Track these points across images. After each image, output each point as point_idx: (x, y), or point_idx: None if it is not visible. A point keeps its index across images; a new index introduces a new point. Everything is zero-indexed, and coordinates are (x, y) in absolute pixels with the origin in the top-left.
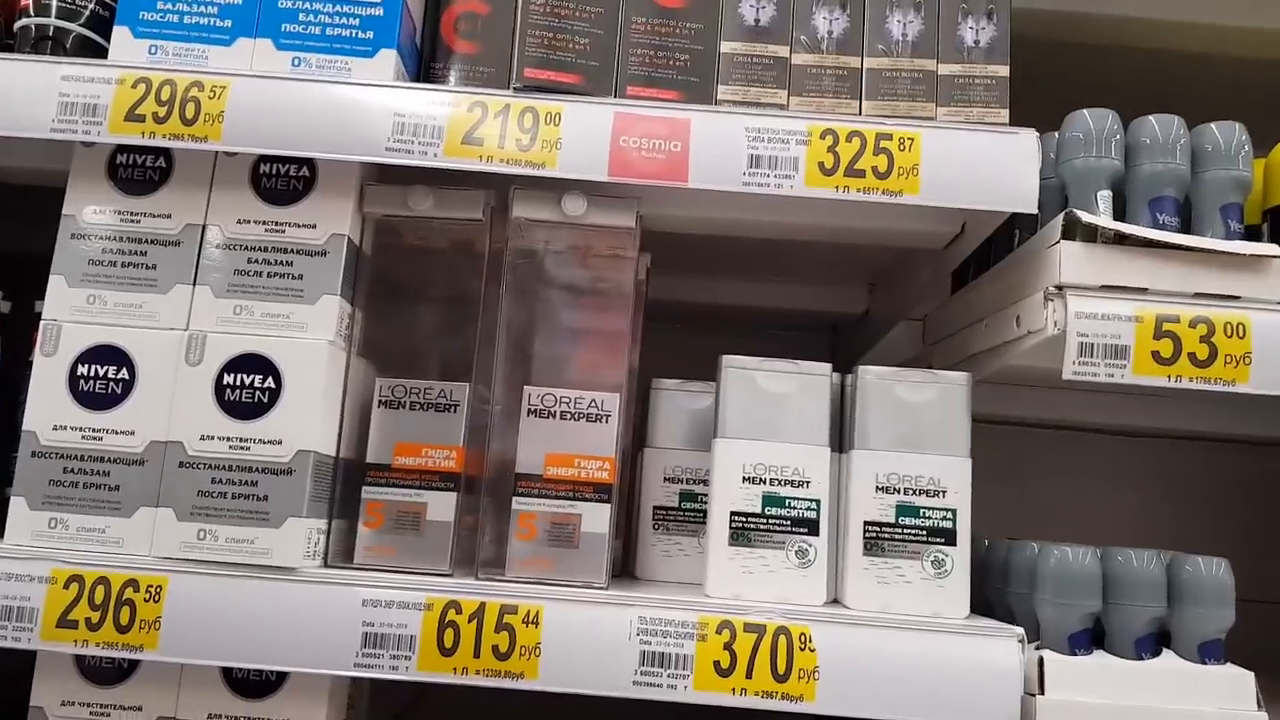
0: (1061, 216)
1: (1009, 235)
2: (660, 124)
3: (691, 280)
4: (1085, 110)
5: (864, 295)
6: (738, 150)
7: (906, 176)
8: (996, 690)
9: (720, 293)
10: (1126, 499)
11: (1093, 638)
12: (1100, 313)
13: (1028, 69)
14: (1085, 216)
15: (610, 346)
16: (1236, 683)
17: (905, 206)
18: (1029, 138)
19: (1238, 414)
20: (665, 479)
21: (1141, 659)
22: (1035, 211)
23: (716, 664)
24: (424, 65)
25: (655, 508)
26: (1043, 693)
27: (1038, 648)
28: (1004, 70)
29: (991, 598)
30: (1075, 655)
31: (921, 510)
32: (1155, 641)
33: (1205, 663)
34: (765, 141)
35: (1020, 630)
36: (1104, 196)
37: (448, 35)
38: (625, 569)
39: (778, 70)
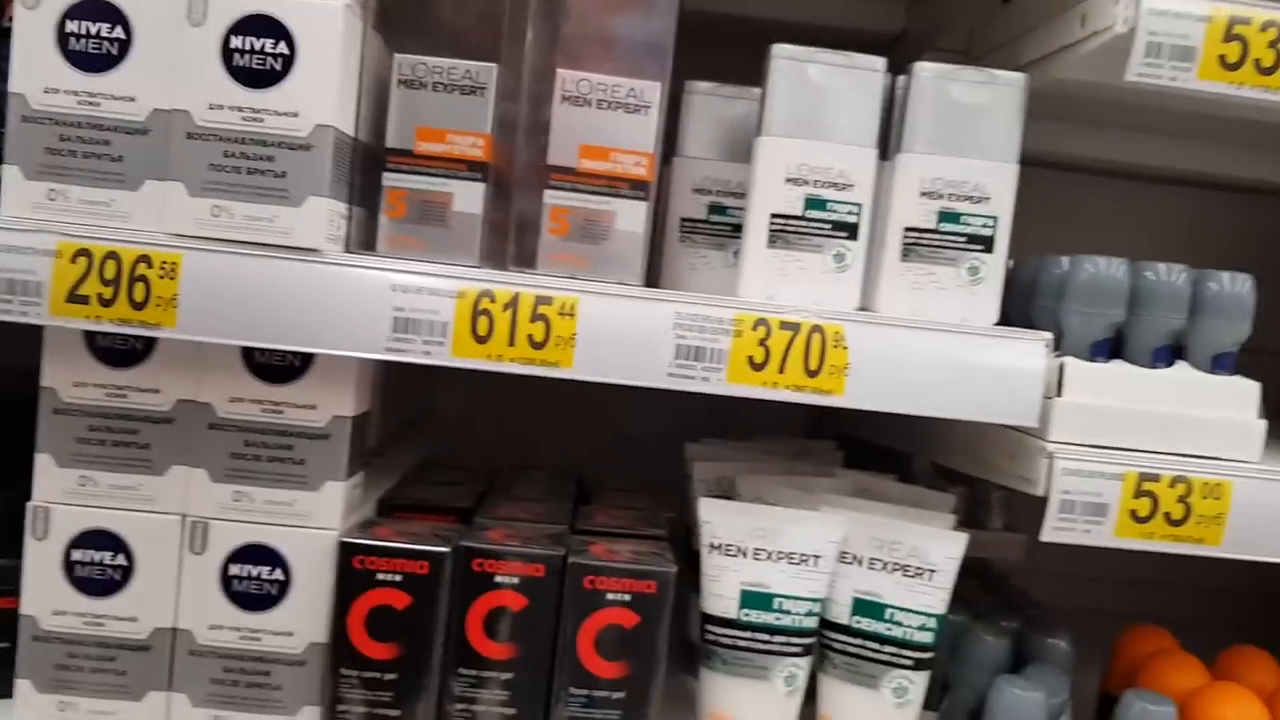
0: None
1: None
2: None
3: None
4: None
5: (901, 12)
6: None
7: None
8: (1018, 390)
9: (736, 3)
10: (1157, 247)
11: (1113, 349)
12: (1173, 10)
13: None
14: None
15: (652, 30)
16: (1242, 392)
17: None
18: None
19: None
20: (694, 190)
21: (1156, 367)
22: None
23: (750, 359)
24: None
25: (683, 219)
26: (1060, 395)
27: (1059, 355)
28: None
29: (1013, 313)
30: (1095, 362)
31: (963, 216)
32: (1171, 354)
33: (1216, 373)
34: None
35: (1048, 335)
36: None
37: None
38: (650, 280)
39: None
